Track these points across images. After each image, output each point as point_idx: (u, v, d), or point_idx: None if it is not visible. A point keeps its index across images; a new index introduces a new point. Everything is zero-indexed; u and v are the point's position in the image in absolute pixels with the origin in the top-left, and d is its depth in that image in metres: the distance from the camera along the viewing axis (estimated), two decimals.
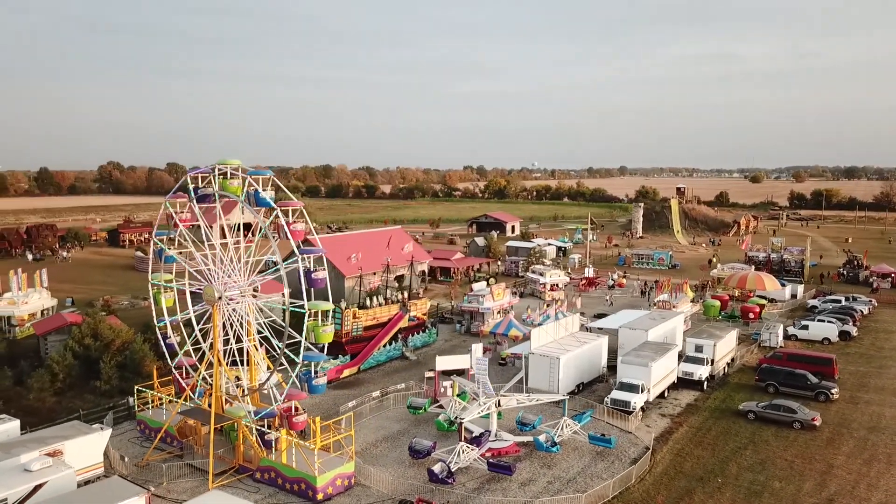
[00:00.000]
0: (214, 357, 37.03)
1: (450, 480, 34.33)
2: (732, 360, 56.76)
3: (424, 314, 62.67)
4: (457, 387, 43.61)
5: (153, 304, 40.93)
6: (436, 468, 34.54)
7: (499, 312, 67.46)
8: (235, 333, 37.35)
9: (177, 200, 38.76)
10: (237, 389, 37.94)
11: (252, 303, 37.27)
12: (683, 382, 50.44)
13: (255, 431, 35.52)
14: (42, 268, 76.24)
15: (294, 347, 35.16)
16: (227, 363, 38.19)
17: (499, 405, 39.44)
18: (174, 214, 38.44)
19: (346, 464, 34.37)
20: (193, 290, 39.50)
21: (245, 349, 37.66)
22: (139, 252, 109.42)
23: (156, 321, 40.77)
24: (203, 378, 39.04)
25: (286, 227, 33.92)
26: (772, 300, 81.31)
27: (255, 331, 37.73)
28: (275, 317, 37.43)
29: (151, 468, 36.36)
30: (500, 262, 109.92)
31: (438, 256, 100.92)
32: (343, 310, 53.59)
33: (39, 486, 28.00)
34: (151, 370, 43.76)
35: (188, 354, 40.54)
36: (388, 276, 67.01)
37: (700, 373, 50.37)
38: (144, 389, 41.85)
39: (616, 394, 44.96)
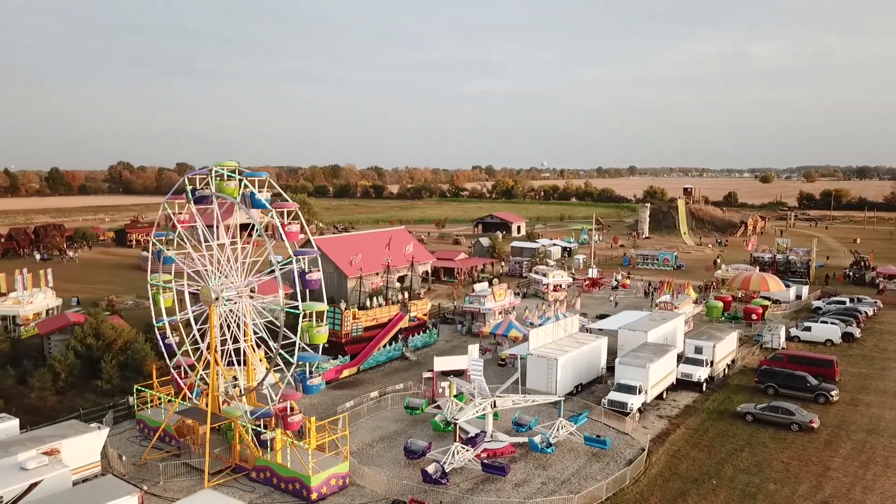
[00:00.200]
0: (211, 357, 37.31)
1: (443, 481, 34.44)
2: (733, 362, 56.58)
3: (425, 314, 62.78)
4: (453, 387, 43.72)
5: (152, 305, 41.33)
6: (429, 468, 34.67)
7: (500, 313, 67.56)
8: (233, 334, 37.63)
9: (175, 202, 39.12)
10: (234, 389, 38.22)
11: (249, 303, 37.57)
12: (683, 384, 50.37)
13: (251, 431, 35.78)
14: (48, 268, 76.94)
15: (291, 348, 35.36)
16: (225, 363, 38.45)
17: (494, 406, 39.58)
18: (172, 216, 38.80)
19: (341, 464, 34.56)
20: (192, 291, 39.82)
21: (242, 349, 37.96)
22: (145, 252, 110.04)
23: (155, 321, 41.15)
24: (201, 378, 39.37)
25: (281, 229, 34.16)
26: (776, 301, 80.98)
27: (252, 331, 38.02)
28: (271, 317, 37.68)
29: (149, 467, 36.66)
30: (504, 263, 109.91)
31: (442, 257, 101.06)
32: (343, 311, 53.81)
33: (35, 485, 28.31)
34: (152, 370, 44.12)
35: (187, 354, 40.86)
36: (389, 277, 67.13)
37: (699, 374, 50.25)
38: (143, 389, 42.23)
39: (613, 395, 44.93)
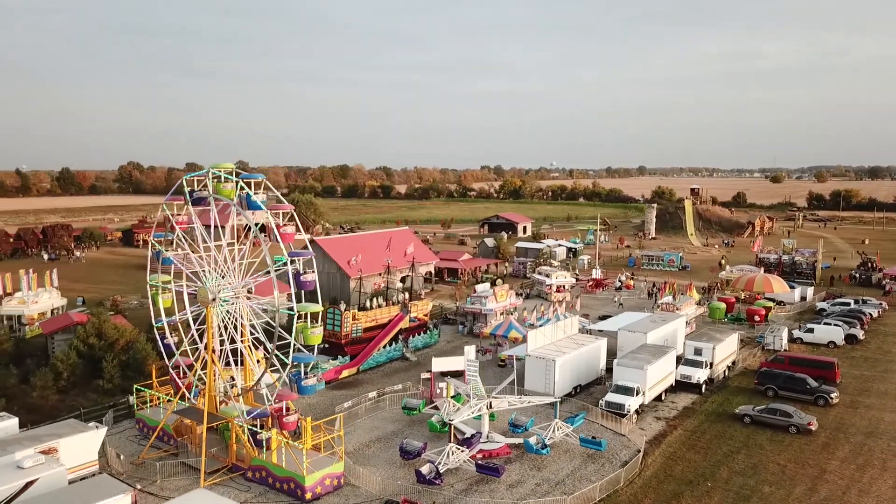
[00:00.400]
0: (209, 357, 37.62)
1: (437, 481, 34.56)
2: (734, 364, 56.41)
3: (426, 315, 62.93)
4: (450, 388, 43.86)
5: (151, 305, 41.70)
6: (424, 469, 34.82)
7: (501, 314, 67.62)
8: (230, 334, 37.91)
9: (174, 203, 39.46)
10: (231, 389, 38.50)
11: (246, 304, 37.83)
12: (682, 385, 50.30)
13: (248, 431, 36.05)
14: (53, 268, 77.65)
15: (288, 349, 35.61)
16: (223, 364, 38.73)
17: (490, 407, 39.69)
18: (170, 217, 39.14)
19: (336, 464, 34.77)
20: (191, 292, 40.13)
21: (239, 350, 38.23)
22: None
23: (154, 321, 41.50)
24: (199, 378, 39.66)
25: (276, 231, 34.40)
26: (780, 303, 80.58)
27: (249, 332, 38.28)
28: (267, 318, 37.93)
29: (147, 466, 37.02)
30: (508, 264, 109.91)
31: (446, 257, 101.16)
32: (342, 312, 54.04)
33: (31, 483, 28.63)
34: (157, 368, 44.46)
35: (185, 354, 41.18)
36: (390, 278, 67.33)
37: (698, 376, 50.14)
38: (143, 388, 42.60)
39: (611, 396, 44.91)
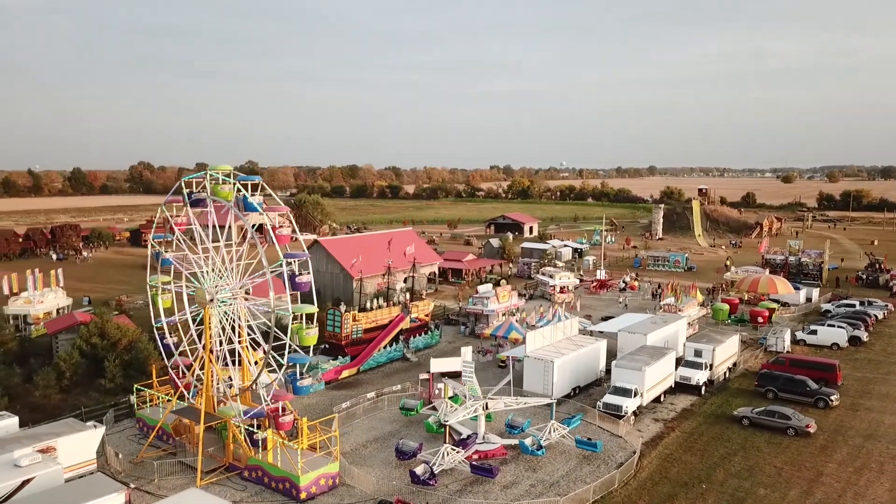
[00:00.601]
0: (206, 357, 37.94)
1: (432, 482, 34.73)
2: (735, 365, 56.24)
3: (427, 315, 63.08)
4: (447, 389, 43.98)
5: (151, 306, 42.09)
6: (418, 469, 35.00)
7: (503, 315, 67.66)
8: (227, 335, 38.20)
9: (173, 204, 39.82)
10: (229, 389, 38.80)
11: (243, 305, 38.11)
12: (681, 387, 50.23)
13: (244, 431, 36.34)
14: (59, 267, 78.30)
15: (285, 350, 35.94)
16: (220, 364, 39.05)
17: (486, 408, 39.80)
18: (169, 218, 39.50)
19: (331, 464, 35.01)
20: (190, 293, 40.48)
21: (236, 350, 38.52)
22: None
23: (154, 322, 41.89)
24: (197, 377, 39.99)
25: (272, 232, 34.66)
26: (784, 304, 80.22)
27: (247, 332, 38.56)
28: (264, 319, 38.21)
29: (145, 465, 37.38)
30: (513, 264, 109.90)
31: (450, 258, 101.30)
32: (342, 313, 54.27)
33: (27, 481, 29.02)
34: (158, 368, 44.86)
35: (184, 355, 41.55)
36: (390, 279, 67.54)
37: (698, 377, 50.04)
38: (143, 388, 43.00)
39: (608, 398, 44.92)
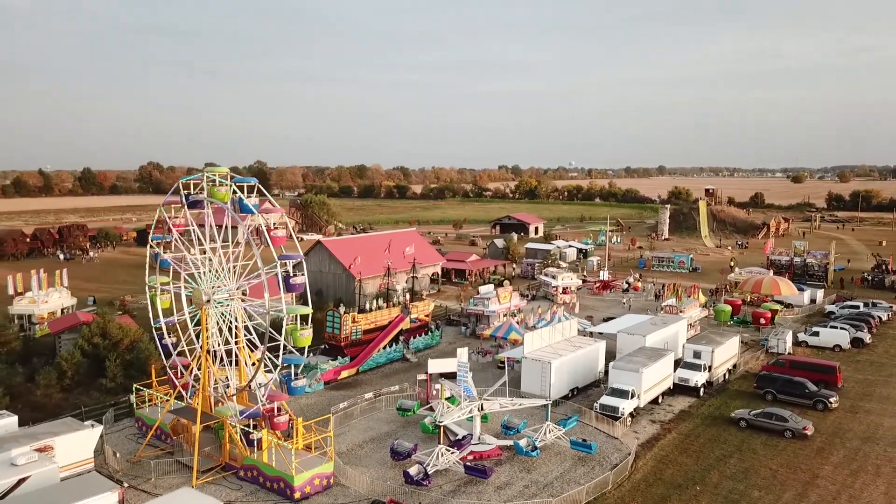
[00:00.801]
0: (203, 358, 38.25)
1: (425, 482, 34.88)
2: (735, 367, 56.11)
3: (427, 316, 63.24)
4: (444, 390, 44.12)
5: (150, 306, 42.45)
6: (412, 470, 35.17)
7: (505, 315, 67.76)
8: (224, 335, 38.50)
9: (172, 206, 40.19)
10: (226, 389, 39.10)
11: (240, 306, 38.40)
12: (680, 389, 50.19)
13: (240, 431, 36.61)
14: (64, 267, 78.96)
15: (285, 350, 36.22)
16: (218, 364, 39.35)
17: (482, 409, 39.93)
18: (168, 219, 39.86)
19: (325, 464, 35.24)
20: (188, 293, 40.82)
21: (233, 350, 38.81)
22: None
23: (153, 322, 42.25)
24: (195, 377, 40.30)
25: (266, 234, 34.91)
26: (788, 305, 79.88)
27: (244, 333, 38.84)
28: (260, 320, 38.46)
29: (143, 464, 37.73)
30: (517, 265, 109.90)
31: (453, 258, 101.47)
32: (341, 314, 54.48)
33: (23, 480, 29.41)
34: (157, 368, 45.21)
35: (182, 355, 41.89)
36: (391, 280, 67.75)
37: (696, 379, 49.98)
38: (142, 388, 43.37)
39: (605, 399, 44.95)
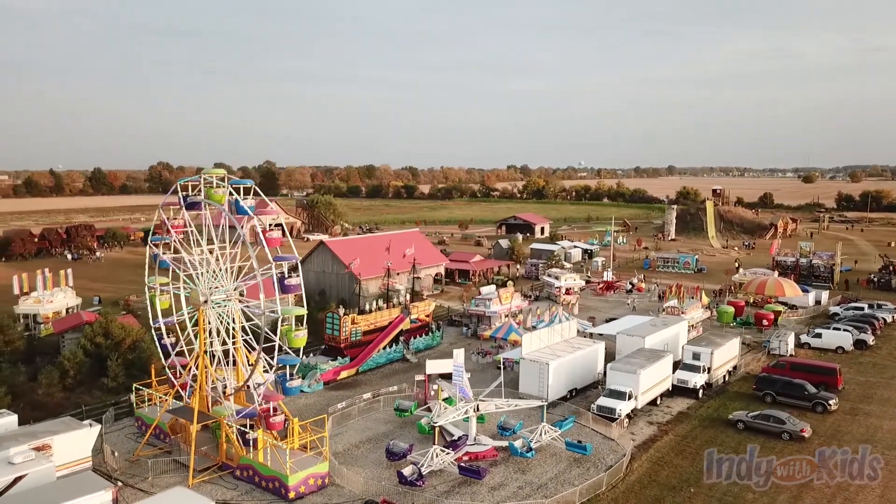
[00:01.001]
0: (200, 358, 38.58)
1: (419, 483, 35.05)
2: (735, 368, 55.93)
3: (427, 316, 63.40)
4: (441, 391, 44.28)
5: (149, 306, 42.84)
6: (406, 470, 35.35)
7: (506, 316, 67.82)
8: (221, 336, 38.84)
9: (170, 207, 40.59)
10: (223, 389, 39.41)
11: (237, 307, 38.72)
12: (679, 390, 50.12)
13: (236, 430, 36.92)
14: (69, 267, 79.59)
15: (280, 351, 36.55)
16: (214, 364, 39.69)
17: (477, 410, 40.06)
18: (166, 221, 40.24)
19: (320, 464, 35.49)
20: (186, 294, 41.17)
21: (230, 351, 39.13)
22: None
23: (152, 322, 42.64)
24: (193, 377, 40.66)
25: (262, 235, 35.17)
26: (792, 306, 79.48)
27: (241, 333, 39.15)
28: (256, 320, 38.77)
29: (141, 463, 38.13)
30: (521, 265, 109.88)
31: (457, 258, 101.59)
32: (341, 316, 54.70)
33: (20, 478, 29.79)
34: (158, 368, 45.60)
35: (181, 354, 42.26)
36: (391, 280, 67.95)
37: (695, 381, 49.90)
38: (142, 387, 43.78)
39: (602, 400, 44.97)
